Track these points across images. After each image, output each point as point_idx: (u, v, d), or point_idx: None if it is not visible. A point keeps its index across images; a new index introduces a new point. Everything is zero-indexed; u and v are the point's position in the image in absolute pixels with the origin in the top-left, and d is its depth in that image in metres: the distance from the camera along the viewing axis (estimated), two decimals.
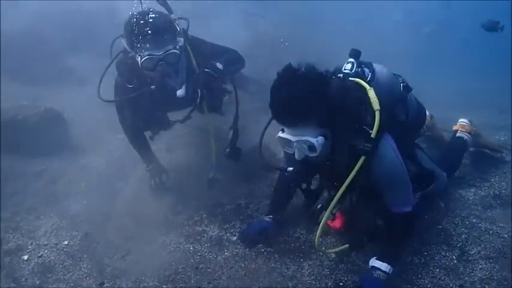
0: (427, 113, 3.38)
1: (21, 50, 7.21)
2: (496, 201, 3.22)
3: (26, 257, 2.93)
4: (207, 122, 3.33)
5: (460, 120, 3.70)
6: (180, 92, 3.01)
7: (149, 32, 2.82)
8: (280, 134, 2.20)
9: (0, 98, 5.13)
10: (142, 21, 2.82)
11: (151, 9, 2.98)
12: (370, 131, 2.18)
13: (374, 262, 2.44)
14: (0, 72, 6.25)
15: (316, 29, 8.58)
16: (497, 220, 3.00)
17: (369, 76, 2.44)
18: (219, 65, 3.13)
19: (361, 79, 2.34)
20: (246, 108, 3.37)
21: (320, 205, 2.58)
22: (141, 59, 2.90)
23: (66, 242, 3.06)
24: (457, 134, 3.58)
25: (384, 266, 2.39)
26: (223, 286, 2.52)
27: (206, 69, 3.07)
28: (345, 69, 2.40)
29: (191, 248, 2.92)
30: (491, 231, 2.89)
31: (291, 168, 2.40)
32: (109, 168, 4.28)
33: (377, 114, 2.19)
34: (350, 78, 2.34)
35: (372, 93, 2.25)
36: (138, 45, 2.88)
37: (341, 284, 2.49)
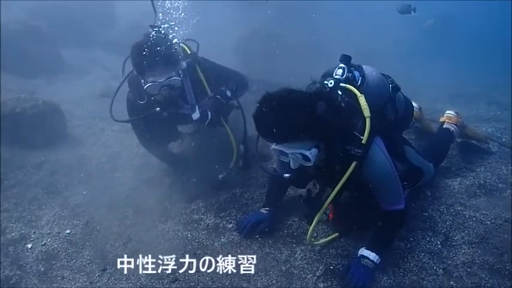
0: (415, 105, 3.51)
1: (17, 44, 7.27)
2: (480, 190, 3.34)
3: (29, 246, 3.03)
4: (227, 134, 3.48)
5: (447, 112, 3.78)
6: (195, 116, 3.20)
7: (152, 61, 2.97)
8: (275, 146, 2.28)
9: (0, 91, 5.21)
10: (146, 50, 2.96)
11: (155, 32, 3.11)
12: (361, 137, 2.28)
13: (363, 251, 2.56)
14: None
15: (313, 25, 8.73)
16: (481, 208, 3.11)
17: (359, 80, 2.53)
18: (228, 93, 3.34)
19: (351, 85, 2.42)
20: (249, 99, 3.48)
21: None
22: (145, 85, 3.06)
23: (68, 231, 3.17)
24: (444, 126, 3.67)
25: (372, 255, 2.51)
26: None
27: (217, 96, 3.28)
28: (336, 75, 2.48)
29: (189, 235, 3.03)
30: (474, 218, 3.00)
31: (287, 175, 2.48)
32: (106, 159, 4.40)
33: (367, 121, 2.29)
34: (341, 84, 2.43)
35: (362, 100, 2.34)
36: (142, 72, 3.05)
37: (331, 267, 2.62)
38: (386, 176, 2.43)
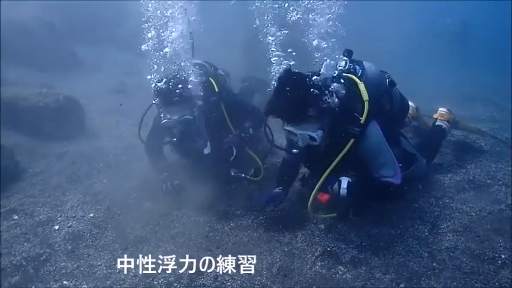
0: (412, 105, 3.81)
1: (33, 40, 7.58)
2: (469, 185, 3.59)
3: (57, 227, 3.34)
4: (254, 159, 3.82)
5: (439, 109, 4.03)
6: (206, 151, 3.56)
7: (169, 101, 3.34)
8: (286, 127, 2.67)
9: (18, 85, 5.51)
10: (165, 91, 3.32)
11: (178, 73, 3.43)
12: (360, 118, 2.66)
13: (343, 179, 2.76)
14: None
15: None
16: (468, 201, 3.37)
17: (360, 72, 2.93)
18: (251, 130, 3.73)
19: (352, 74, 2.82)
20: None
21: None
22: (162, 120, 3.44)
23: (91, 215, 3.49)
24: (436, 123, 3.94)
25: (344, 187, 2.70)
26: (230, 250, 2.93)
27: (242, 134, 3.64)
28: (339, 66, 2.88)
29: (201, 220, 3.34)
30: (461, 210, 3.26)
31: (295, 151, 2.87)
32: (123, 150, 4.73)
33: (366, 104, 2.68)
34: (344, 74, 2.81)
35: (362, 87, 2.74)
36: (161, 109, 3.44)
37: (328, 249, 2.91)
38: (380, 148, 2.77)
